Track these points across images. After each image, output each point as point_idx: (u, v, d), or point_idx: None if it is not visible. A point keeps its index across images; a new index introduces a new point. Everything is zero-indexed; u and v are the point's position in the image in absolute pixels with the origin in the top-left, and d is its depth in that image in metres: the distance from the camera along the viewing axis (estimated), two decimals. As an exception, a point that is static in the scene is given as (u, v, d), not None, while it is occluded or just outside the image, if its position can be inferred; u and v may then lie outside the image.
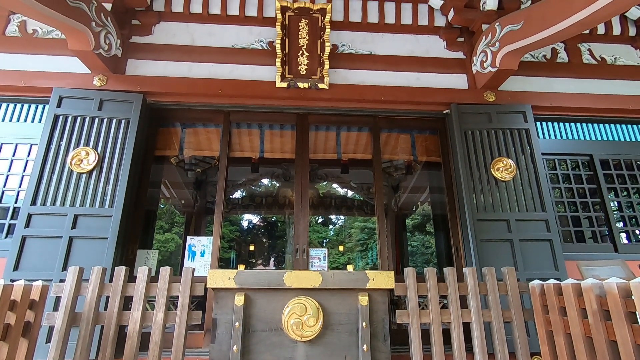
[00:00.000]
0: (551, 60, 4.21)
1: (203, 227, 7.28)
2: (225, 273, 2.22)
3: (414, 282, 2.42)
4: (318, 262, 3.95)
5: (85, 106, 3.48)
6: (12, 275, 2.91)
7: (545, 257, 3.34)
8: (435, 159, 4.20)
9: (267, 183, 9.32)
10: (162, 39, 3.89)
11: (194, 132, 4.12)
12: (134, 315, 2.30)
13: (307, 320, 2.12)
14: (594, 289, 1.91)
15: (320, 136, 4.29)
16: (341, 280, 2.24)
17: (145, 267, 2.39)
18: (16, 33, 3.72)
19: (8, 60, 3.59)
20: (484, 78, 3.76)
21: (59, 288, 2.31)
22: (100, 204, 3.23)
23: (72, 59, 3.52)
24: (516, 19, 3.33)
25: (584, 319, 1.97)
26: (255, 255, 15.77)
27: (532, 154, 3.68)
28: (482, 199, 3.51)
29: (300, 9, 3.79)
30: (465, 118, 3.78)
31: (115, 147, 3.40)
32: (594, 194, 3.92)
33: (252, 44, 3.97)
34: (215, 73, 3.80)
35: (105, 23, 3.33)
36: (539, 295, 2.36)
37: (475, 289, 2.44)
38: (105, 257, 3.05)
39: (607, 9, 2.59)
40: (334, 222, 17.53)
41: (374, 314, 2.22)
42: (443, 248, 4.73)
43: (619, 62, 4.25)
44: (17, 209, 3.31)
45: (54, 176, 3.24)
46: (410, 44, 4.12)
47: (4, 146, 3.56)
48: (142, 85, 3.63)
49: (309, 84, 3.77)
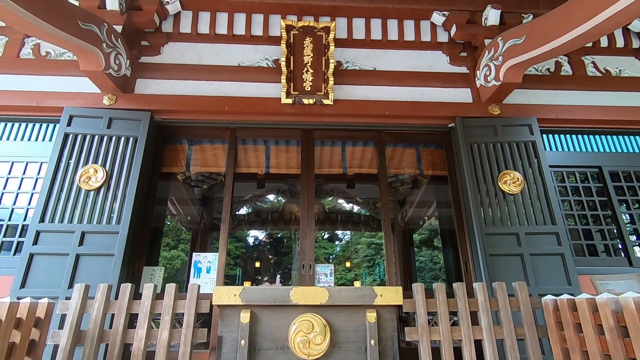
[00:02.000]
0: (555, 73, 4.22)
1: (209, 243, 7.27)
2: (230, 290, 2.20)
3: (422, 298, 2.37)
4: (324, 278, 3.90)
5: (94, 125, 3.55)
6: (19, 293, 2.91)
7: (557, 271, 3.26)
8: (441, 172, 4.18)
9: (272, 199, 9.34)
10: (170, 58, 3.98)
11: (200, 149, 4.16)
12: (139, 333, 2.27)
13: (314, 338, 2.07)
14: (609, 304, 1.85)
15: (325, 151, 4.31)
16: (348, 296, 2.20)
17: (151, 284, 2.37)
18: (30, 55, 3.84)
19: (21, 81, 3.70)
20: (488, 92, 3.77)
21: (65, 306, 2.29)
22: (107, 220, 3.25)
23: (82, 79, 3.61)
24: (518, 34, 3.36)
25: (600, 336, 1.90)
26: (262, 271, 15.65)
27: (539, 167, 3.65)
28: (490, 213, 3.47)
29: (305, 28, 3.87)
30: (471, 131, 3.77)
31: (123, 165, 3.44)
32: (605, 207, 3.85)
33: (258, 62, 4.05)
34: (222, 91, 3.87)
35: (116, 44, 3.43)
36: (552, 311, 2.29)
37: (486, 304, 2.37)
38: (111, 274, 3.05)
39: (608, 22, 2.60)
40: (340, 237, 17.41)
41: (382, 332, 2.17)
42: (452, 263, 4.65)
43: (623, 74, 4.24)
44: (25, 226, 3.34)
45: (62, 194, 3.28)
46: (413, 60, 4.17)
47: (15, 165, 3.63)
48: (150, 103, 3.70)
49: (313, 100, 3.81)
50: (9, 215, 3.43)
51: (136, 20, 3.78)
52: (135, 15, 3.77)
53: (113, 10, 3.60)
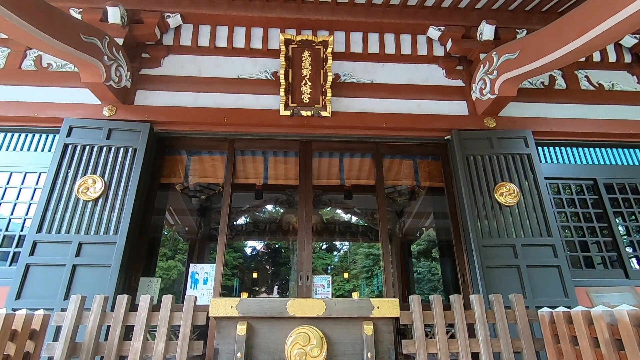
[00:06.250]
0: (549, 86, 4.29)
1: (206, 254, 7.23)
2: (227, 301, 2.20)
3: (419, 310, 2.36)
4: (322, 289, 3.87)
5: (94, 135, 3.57)
6: (14, 304, 2.89)
7: (554, 283, 3.27)
8: (438, 184, 4.21)
9: (270, 209, 9.33)
10: (170, 70, 4.04)
11: (199, 160, 4.19)
12: (135, 345, 2.25)
13: (310, 351, 2.07)
14: (604, 317, 1.86)
15: (323, 162, 4.34)
16: (345, 308, 2.20)
17: (148, 295, 2.37)
18: (32, 67, 3.89)
19: (22, 92, 3.73)
20: (484, 105, 3.83)
21: (60, 317, 2.28)
22: (105, 231, 3.25)
23: (83, 91, 3.65)
24: (512, 49, 3.43)
25: (596, 349, 1.91)
26: (259, 282, 15.51)
27: (535, 179, 3.69)
28: (487, 224, 3.49)
29: (303, 42, 3.94)
30: (467, 144, 3.82)
31: (121, 175, 3.46)
32: (601, 219, 3.88)
33: (257, 74, 4.10)
34: (221, 102, 3.91)
35: (117, 57, 3.48)
36: (548, 324, 2.29)
37: (483, 317, 2.37)
38: (108, 285, 3.03)
39: (598, 39, 2.67)
40: (338, 248, 17.32)
41: (379, 344, 2.16)
42: (449, 274, 4.65)
43: (616, 88, 4.32)
44: (22, 237, 3.33)
45: (60, 204, 3.29)
46: (410, 73, 4.24)
47: (13, 175, 3.64)
48: (150, 114, 3.73)
49: (312, 112, 3.86)
50: (6, 225, 3.43)
51: (137, 33, 3.84)
52: (136, 29, 3.83)
53: (115, 23, 3.66)
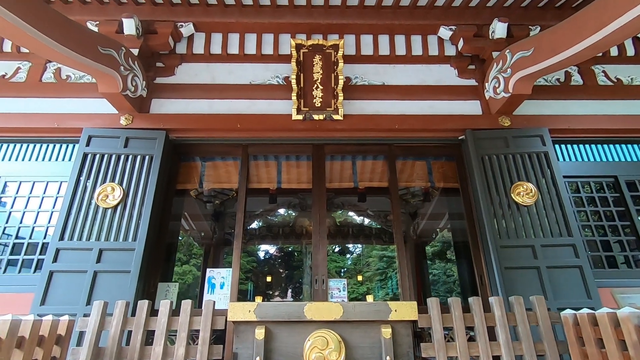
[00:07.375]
0: (565, 83, 4.20)
1: (221, 258, 7.30)
2: (245, 306, 2.22)
3: (438, 313, 2.34)
4: (338, 292, 3.86)
5: (112, 144, 3.66)
6: (39, 310, 2.97)
7: (576, 284, 3.19)
8: (453, 184, 4.16)
9: (284, 213, 9.36)
10: (184, 78, 4.11)
11: (213, 166, 4.25)
12: (156, 350, 2.29)
13: (329, 355, 2.07)
14: (632, 319, 1.80)
15: (336, 165, 4.35)
16: (363, 311, 2.20)
17: (167, 301, 2.41)
18: (52, 79, 4.01)
19: (43, 104, 3.85)
20: (498, 103, 3.78)
21: (84, 323, 2.34)
22: (124, 237, 3.31)
23: (100, 101, 3.74)
24: (526, 46, 3.38)
25: (624, 352, 1.85)
26: (273, 286, 15.55)
27: (552, 177, 3.61)
28: (504, 225, 3.43)
29: (314, 46, 3.96)
30: (481, 143, 3.77)
31: (139, 182, 3.53)
32: (623, 217, 3.77)
33: (269, 79, 4.14)
34: (234, 108, 3.96)
35: (133, 67, 3.56)
36: (572, 326, 2.24)
37: (504, 319, 2.33)
38: (127, 291, 3.09)
39: (617, 33, 2.61)
40: (352, 250, 17.25)
41: (398, 348, 2.15)
42: (466, 276, 4.58)
43: (635, 83, 4.20)
44: (45, 244, 3.43)
45: (81, 212, 3.37)
46: (422, 74, 4.22)
47: (36, 184, 3.75)
48: (165, 122, 3.81)
49: (324, 116, 3.87)
50: (30, 233, 3.54)
51: (152, 43, 3.93)
52: (150, 39, 3.92)
53: (130, 34, 3.75)
